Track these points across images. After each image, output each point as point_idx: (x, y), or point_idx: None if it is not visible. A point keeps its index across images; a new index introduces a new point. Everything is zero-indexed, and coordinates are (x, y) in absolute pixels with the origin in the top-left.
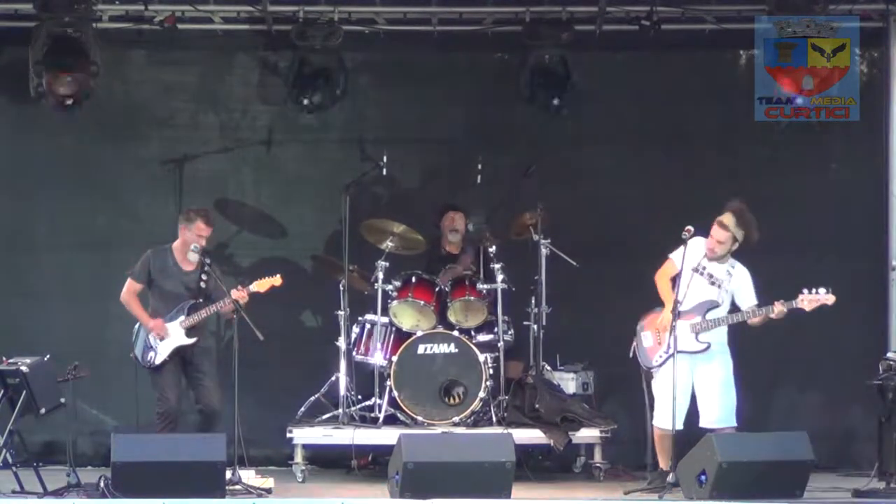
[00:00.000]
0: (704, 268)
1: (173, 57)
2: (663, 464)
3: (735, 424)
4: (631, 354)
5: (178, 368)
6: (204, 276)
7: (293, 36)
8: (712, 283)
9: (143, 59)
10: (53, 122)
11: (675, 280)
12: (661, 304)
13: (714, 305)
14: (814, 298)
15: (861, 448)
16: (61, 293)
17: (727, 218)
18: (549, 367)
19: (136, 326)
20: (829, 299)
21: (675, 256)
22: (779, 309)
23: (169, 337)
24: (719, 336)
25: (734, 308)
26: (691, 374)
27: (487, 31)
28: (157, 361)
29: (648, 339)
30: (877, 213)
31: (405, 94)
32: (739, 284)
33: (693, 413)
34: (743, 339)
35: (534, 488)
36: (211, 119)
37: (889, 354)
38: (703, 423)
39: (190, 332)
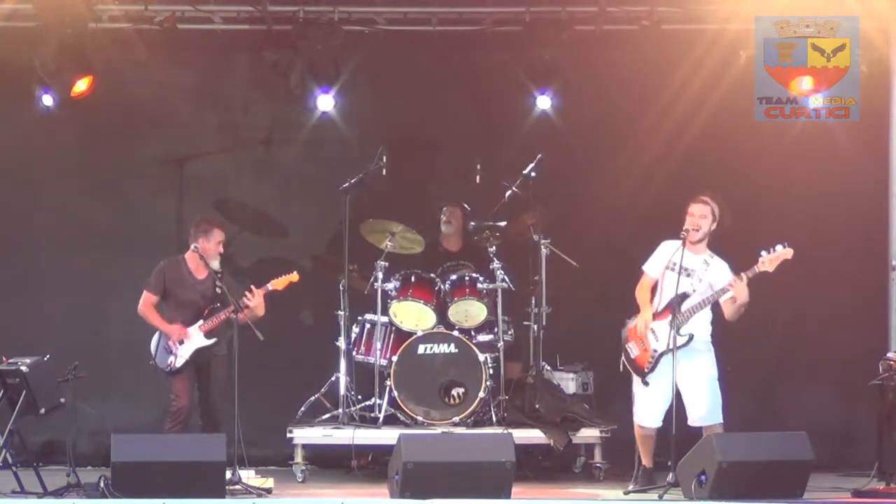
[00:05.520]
0: (675, 263)
1: (173, 57)
2: (646, 461)
3: (721, 421)
4: (622, 368)
5: (194, 372)
6: (218, 283)
7: (293, 36)
8: (688, 276)
9: (143, 59)
10: (53, 122)
11: (654, 289)
12: (637, 312)
13: (684, 297)
14: (775, 257)
15: (861, 448)
16: (61, 293)
17: (704, 195)
18: (549, 367)
19: (156, 335)
20: (788, 253)
21: (649, 267)
22: (741, 280)
23: (189, 340)
24: (702, 332)
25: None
26: (672, 372)
27: (487, 31)
28: (178, 364)
29: (634, 349)
30: (877, 213)
31: (405, 94)
32: (718, 276)
33: (675, 411)
34: (743, 338)
35: (534, 488)
36: (211, 119)
37: (889, 354)
38: (692, 421)
39: (209, 334)
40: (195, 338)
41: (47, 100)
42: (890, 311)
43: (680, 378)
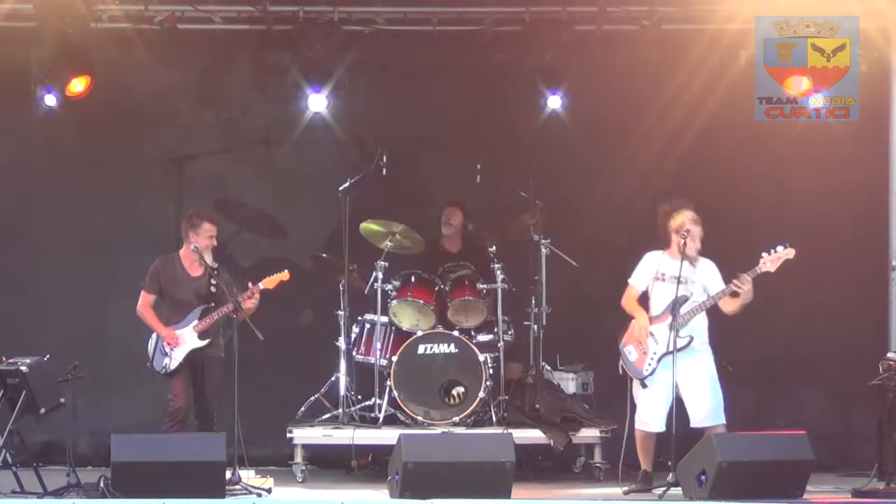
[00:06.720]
0: (664, 273)
1: (173, 57)
2: (645, 465)
3: (724, 421)
4: (621, 372)
5: (189, 373)
6: (213, 281)
7: (293, 36)
8: (681, 283)
9: (143, 59)
10: (53, 122)
11: (640, 300)
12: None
13: (683, 300)
14: (776, 257)
15: (861, 448)
16: (61, 293)
17: (694, 212)
18: (549, 367)
19: (153, 337)
20: (790, 253)
21: (636, 280)
22: (744, 279)
23: (183, 342)
24: (700, 333)
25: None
26: (673, 375)
27: (487, 31)
28: (173, 367)
29: (632, 352)
30: (877, 213)
31: (405, 94)
32: (708, 275)
33: (679, 415)
34: (744, 338)
35: (534, 488)
36: (211, 119)
37: (889, 354)
38: (694, 422)
39: (203, 335)
40: (189, 339)
41: (49, 99)
42: (890, 311)
43: (681, 379)
